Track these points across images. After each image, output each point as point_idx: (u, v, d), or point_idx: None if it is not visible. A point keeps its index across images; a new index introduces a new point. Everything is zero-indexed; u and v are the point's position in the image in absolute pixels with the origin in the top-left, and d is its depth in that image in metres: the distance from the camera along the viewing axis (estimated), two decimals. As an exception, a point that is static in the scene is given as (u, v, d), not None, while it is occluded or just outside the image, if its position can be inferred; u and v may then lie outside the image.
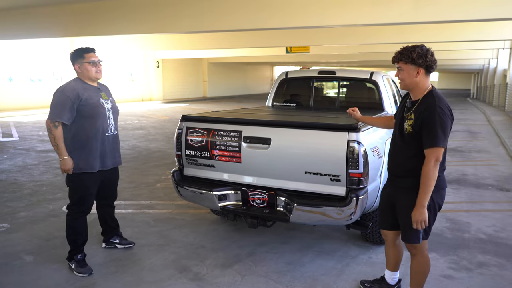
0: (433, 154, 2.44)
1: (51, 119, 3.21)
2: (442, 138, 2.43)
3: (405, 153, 2.62)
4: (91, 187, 3.41)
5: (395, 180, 2.73)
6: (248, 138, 3.51)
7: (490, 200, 5.53)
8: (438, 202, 2.63)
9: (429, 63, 2.51)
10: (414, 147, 2.56)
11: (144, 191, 5.76)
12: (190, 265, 3.52)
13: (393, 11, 7.49)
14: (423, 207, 2.48)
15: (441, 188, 2.63)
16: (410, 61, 2.52)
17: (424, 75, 2.55)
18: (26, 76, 19.21)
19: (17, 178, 6.44)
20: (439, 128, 2.42)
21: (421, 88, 2.58)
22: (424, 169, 2.47)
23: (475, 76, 39.89)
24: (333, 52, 18.81)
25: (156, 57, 25.07)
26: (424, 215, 2.49)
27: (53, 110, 3.22)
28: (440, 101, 2.49)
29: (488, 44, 17.05)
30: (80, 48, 3.39)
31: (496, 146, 9.92)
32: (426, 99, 2.54)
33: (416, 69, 2.53)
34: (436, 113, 2.43)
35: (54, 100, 3.25)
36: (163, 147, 9.33)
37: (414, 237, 2.65)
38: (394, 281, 3.08)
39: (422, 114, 2.49)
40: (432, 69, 2.55)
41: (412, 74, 2.55)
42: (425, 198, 2.47)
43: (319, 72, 5.22)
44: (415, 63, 2.52)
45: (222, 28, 9.04)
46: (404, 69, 2.57)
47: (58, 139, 3.22)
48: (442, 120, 2.43)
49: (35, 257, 3.64)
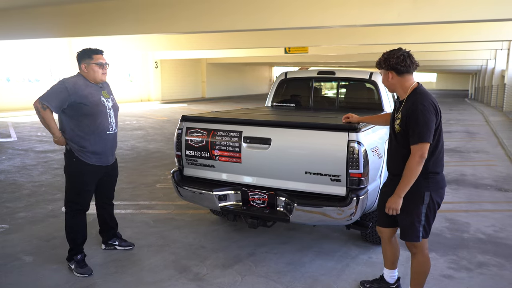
0: (418, 150, 2.51)
1: (40, 99, 3.22)
2: (426, 134, 2.49)
3: (399, 152, 2.68)
4: (89, 183, 3.40)
5: (394, 179, 2.74)
6: (248, 138, 3.51)
7: (489, 200, 5.54)
8: (437, 201, 2.66)
9: (393, 65, 2.61)
10: (406, 145, 2.61)
11: (143, 192, 5.75)
12: (190, 266, 3.52)
13: (392, 11, 7.50)
14: (400, 197, 2.60)
15: (441, 187, 2.67)
16: (380, 67, 2.71)
17: (396, 76, 2.64)
18: (24, 77, 19.16)
19: (16, 178, 6.42)
20: (423, 125, 2.49)
21: (402, 88, 2.67)
22: (408, 163, 2.56)
23: (473, 77, 39.99)
24: (332, 52, 18.83)
25: (154, 57, 25.04)
26: (398, 204, 2.61)
27: (47, 93, 3.23)
28: (423, 98, 2.56)
29: (486, 45, 17.08)
30: (89, 49, 3.39)
31: (495, 146, 9.95)
32: (410, 98, 2.63)
33: (387, 73, 2.67)
34: (418, 110, 2.51)
35: (53, 87, 3.26)
36: (162, 148, 9.32)
37: (413, 236, 2.67)
38: (393, 279, 3.08)
39: (407, 112, 2.58)
40: (399, 70, 2.61)
41: (386, 77, 2.70)
42: (404, 190, 2.58)
43: (319, 72, 5.23)
44: (383, 68, 2.68)
45: (220, 28, 9.04)
46: (382, 74, 2.74)
47: (49, 119, 3.25)
48: (425, 116, 2.49)
49: (35, 258, 3.63)
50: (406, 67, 2.61)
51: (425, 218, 2.64)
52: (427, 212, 2.63)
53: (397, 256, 3.04)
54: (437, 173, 2.63)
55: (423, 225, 2.65)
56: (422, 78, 58.48)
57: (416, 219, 2.63)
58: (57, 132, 3.30)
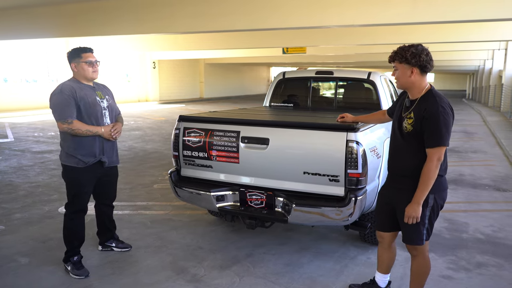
0: (436, 153, 2.45)
1: (63, 120, 3.18)
2: (446, 137, 2.44)
3: (406, 152, 2.61)
4: (86, 185, 3.37)
5: (396, 180, 2.70)
6: (246, 138, 3.49)
7: (487, 200, 5.54)
8: (440, 203, 2.62)
9: (423, 63, 2.49)
10: (415, 145, 2.55)
11: (141, 192, 5.72)
12: (188, 267, 3.49)
13: (391, 11, 7.50)
14: (419, 205, 2.50)
15: (443, 189, 2.62)
16: (404, 61, 2.52)
17: (419, 74, 2.53)
18: (21, 77, 19.08)
19: (12, 179, 6.38)
20: (443, 127, 2.42)
21: (418, 87, 2.56)
22: (425, 168, 2.47)
23: (470, 77, 40.08)
24: (330, 52, 18.83)
25: (152, 58, 25.00)
26: (418, 212, 2.51)
27: (59, 111, 3.20)
28: (442, 100, 2.49)
29: (483, 45, 17.12)
30: (78, 48, 3.37)
31: (493, 146, 9.96)
32: (425, 98, 2.54)
33: (410, 68, 2.52)
34: (439, 112, 2.43)
35: (57, 102, 3.22)
36: (160, 148, 9.29)
37: (417, 239, 2.62)
38: (384, 284, 3.02)
39: (424, 113, 2.48)
40: (426, 68, 2.52)
41: (406, 73, 2.54)
42: (422, 196, 2.49)
43: (317, 72, 5.21)
44: (409, 63, 2.51)
45: (219, 28, 9.02)
46: (399, 69, 2.57)
47: (82, 126, 3.23)
48: (445, 119, 2.43)
49: (31, 259, 3.59)
50: (431, 67, 2.55)
51: (429, 221, 2.60)
52: (431, 215, 2.59)
53: (393, 261, 2.99)
54: (441, 175, 2.58)
55: (426, 227, 2.61)
56: (420, 78, 58.58)
57: (420, 222, 2.57)
58: (98, 128, 3.29)
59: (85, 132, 3.24)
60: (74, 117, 3.20)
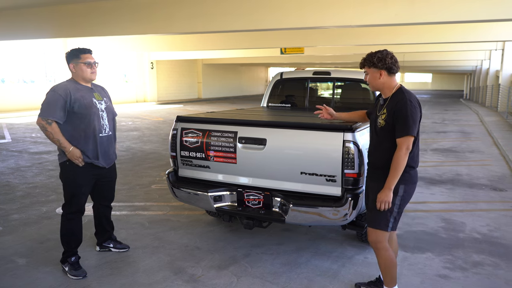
0: (404, 142, 2.65)
1: (43, 117, 3.17)
2: (413, 127, 2.65)
3: (380, 146, 2.80)
4: (83, 186, 3.37)
5: (374, 172, 2.86)
6: (244, 139, 3.50)
7: (484, 200, 5.56)
8: (409, 194, 2.78)
9: (389, 65, 2.76)
10: (388, 139, 2.74)
11: (138, 193, 5.73)
12: (186, 267, 3.50)
13: (389, 12, 7.53)
14: (390, 190, 2.69)
15: (413, 182, 2.80)
16: (372, 65, 2.79)
17: (387, 76, 2.78)
18: (19, 78, 19.06)
19: (9, 180, 6.37)
20: (410, 119, 2.65)
21: (389, 87, 2.81)
22: (395, 156, 2.67)
23: (468, 77, 40.20)
24: (328, 53, 18.87)
25: (150, 58, 24.99)
26: (390, 197, 2.69)
27: (45, 108, 3.19)
28: (410, 96, 2.73)
29: (480, 45, 17.19)
30: (77, 48, 3.37)
31: (489, 146, 9.99)
32: (396, 95, 2.77)
33: (379, 71, 2.78)
34: (407, 105, 2.67)
35: (47, 99, 3.22)
36: (158, 149, 9.29)
37: (383, 224, 2.76)
38: None
39: (394, 107, 2.71)
40: (393, 70, 2.78)
41: (376, 76, 2.81)
42: (393, 182, 2.68)
43: (314, 73, 5.23)
44: (376, 67, 2.78)
45: (216, 29, 9.03)
46: (369, 73, 2.84)
47: (56, 133, 3.19)
48: (412, 112, 2.66)
49: (28, 260, 3.59)
50: (397, 68, 2.81)
51: (398, 210, 2.76)
52: (401, 204, 2.75)
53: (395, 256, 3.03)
54: (413, 167, 2.76)
55: (394, 216, 2.76)
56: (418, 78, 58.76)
57: (389, 209, 2.73)
58: (68, 145, 3.22)
59: (55, 140, 3.20)
60: (56, 119, 3.17)
